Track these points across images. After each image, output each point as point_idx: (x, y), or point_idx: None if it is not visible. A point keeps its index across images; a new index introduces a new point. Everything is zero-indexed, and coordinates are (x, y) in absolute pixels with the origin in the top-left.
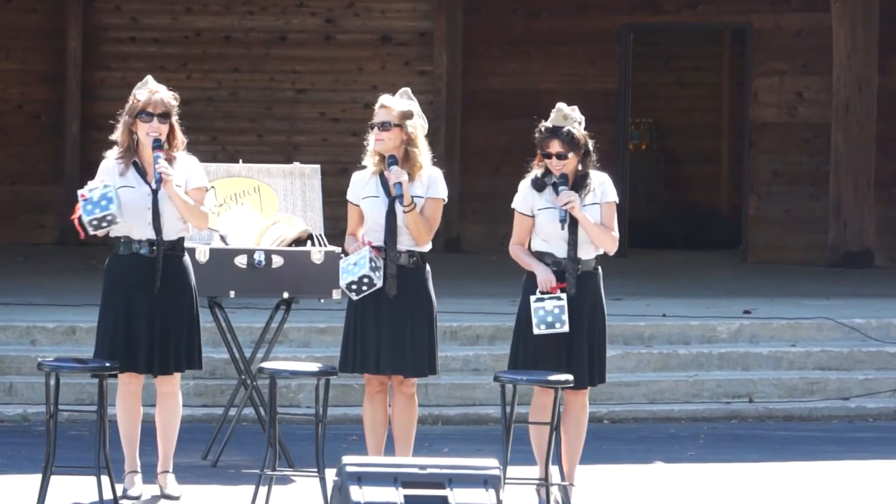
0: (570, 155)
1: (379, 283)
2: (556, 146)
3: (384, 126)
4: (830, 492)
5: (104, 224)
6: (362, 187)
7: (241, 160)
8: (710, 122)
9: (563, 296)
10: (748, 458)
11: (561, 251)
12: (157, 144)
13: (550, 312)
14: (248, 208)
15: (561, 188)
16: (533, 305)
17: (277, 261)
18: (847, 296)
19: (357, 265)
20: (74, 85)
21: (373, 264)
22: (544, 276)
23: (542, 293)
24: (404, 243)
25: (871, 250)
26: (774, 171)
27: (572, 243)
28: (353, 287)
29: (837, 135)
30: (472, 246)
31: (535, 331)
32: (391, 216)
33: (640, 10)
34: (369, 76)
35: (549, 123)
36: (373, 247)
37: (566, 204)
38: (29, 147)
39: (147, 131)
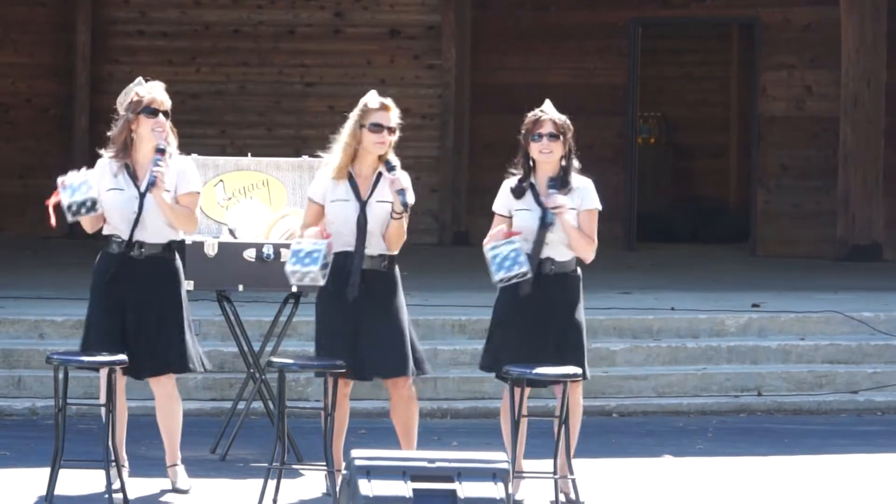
0: (560, 139)
1: (322, 283)
2: (548, 126)
3: (391, 130)
4: (839, 485)
5: (83, 210)
6: (331, 190)
7: (249, 154)
8: (719, 115)
9: (517, 239)
10: (757, 452)
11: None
12: (160, 147)
13: (507, 257)
14: (256, 202)
15: (551, 191)
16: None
17: (286, 254)
18: (855, 289)
19: (311, 258)
20: (83, 79)
21: (325, 261)
22: (501, 234)
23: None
24: (375, 247)
25: (880, 244)
26: (783, 164)
27: (538, 242)
28: (296, 276)
29: (846, 129)
30: (480, 240)
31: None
32: (362, 220)
33: (649, 4)
34: (378, 70)
35: (538, 109)
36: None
37: (556, 208)
38: (38, 140)
39: (152, 127)
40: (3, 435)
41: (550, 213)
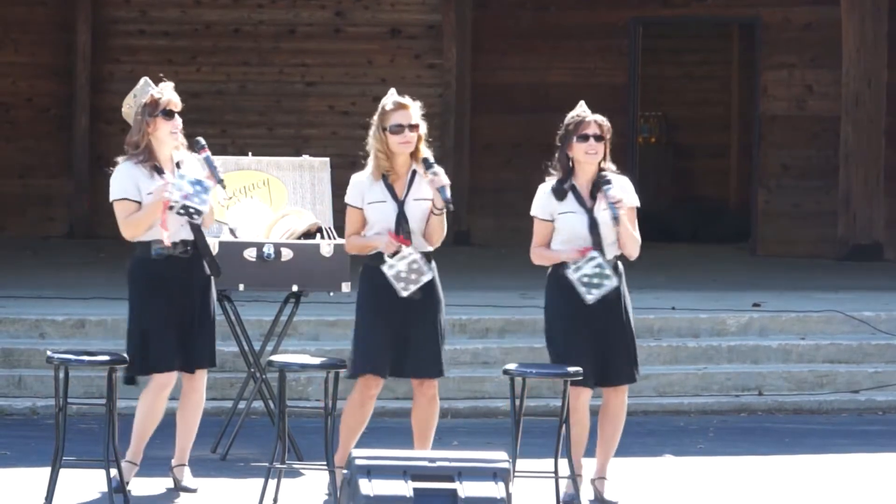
0: (603, 140)
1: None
2: (593, 127)
3: (413, 127)
4: (840, 485)
5: (192, 213)
6: (367, 191)
7: (250, 153)
8: (720, 115)
9: (597, 253)
10: (757, 452)
11: None
12: (200, 145)
13: (594, 275)
14: (257, 201)
15: (606, 187)
16: (573, 276)
17: (287, 254)
18: (856, 289)
19: (416, 272)
20: (83, 78)
21: (424, 266)
22: (575, 253)
23: (575, 262)
24: (416, 245)
25: (881, 243)
26: (783, 164)
27: (597, 245)
28: (412, 291)
29: (847, 128)
30: (480, 239)
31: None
32: (403, 220)
33: (649, 4)
34: (379, 69)
35: (578, 110)
36: (404, 241)
37: (618, 202)
38: (38, 140)
39: (171, 129)
40: (3, 435)
41: (614, 208)
